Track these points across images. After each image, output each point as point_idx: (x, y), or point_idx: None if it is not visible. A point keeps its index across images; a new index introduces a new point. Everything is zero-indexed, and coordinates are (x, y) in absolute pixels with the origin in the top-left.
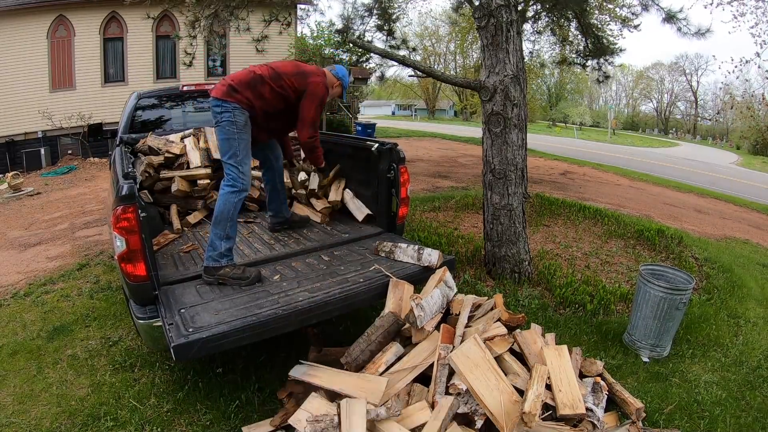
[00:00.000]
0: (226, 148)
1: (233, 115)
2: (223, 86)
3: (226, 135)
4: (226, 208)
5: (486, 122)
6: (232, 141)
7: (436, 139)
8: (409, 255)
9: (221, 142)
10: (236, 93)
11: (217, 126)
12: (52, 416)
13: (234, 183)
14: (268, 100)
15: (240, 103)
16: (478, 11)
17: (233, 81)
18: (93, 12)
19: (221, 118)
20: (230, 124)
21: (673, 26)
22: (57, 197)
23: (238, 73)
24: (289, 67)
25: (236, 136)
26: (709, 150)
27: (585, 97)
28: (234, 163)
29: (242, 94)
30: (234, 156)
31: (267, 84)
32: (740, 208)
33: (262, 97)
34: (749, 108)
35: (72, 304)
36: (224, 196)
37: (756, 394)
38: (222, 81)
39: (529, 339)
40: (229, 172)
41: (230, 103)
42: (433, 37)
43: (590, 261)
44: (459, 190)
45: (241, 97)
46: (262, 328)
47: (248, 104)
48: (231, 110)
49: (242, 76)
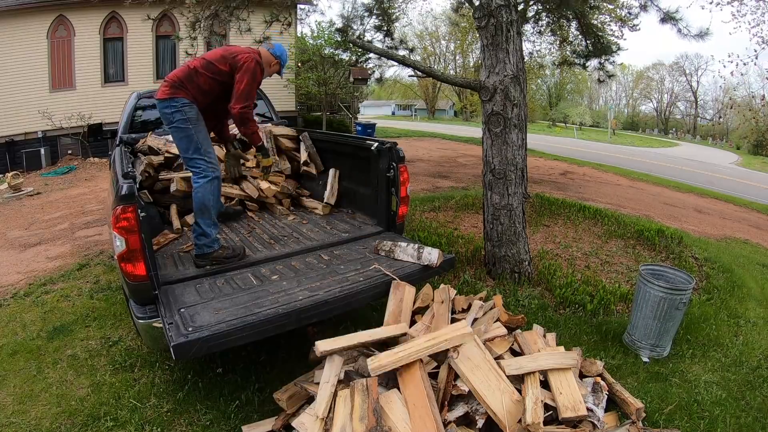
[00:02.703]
0: (186, 145)
1: (184, 112)
2: (165, 87)
3: (183, 133)
4: (206, 198)
5: (486, 122)
6: (191, 136)
7: (435, 139)
8: (408, 254)
9: (180, 141)
10: (180, 89)
11: (171, 126)
12: (52, 416)
13: (205, 173)
14: (206, 89)
15: (186, 98)
16: (478, 11)
17: (174, 79)
18: (93, 12)
19: (173, 118)
20: (184, 121)
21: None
22: (57, 197)
23: (175, 71)
24: (219, 53)
25: (193, 131)
26: (709, 150)
27: (585, 97)
28: (199, 156)
29: (185, 90)
30: (197, 150)
31: (201, 74)
32: (740, 208)
33: (201, 88)
34: (751, 110)
35: (72, 304)
36: (201, 188)
37: (756, 394)
38: (162, 82)
39: (529, 340)
40: (197, 165)
41: (178, 100)
42: (432, 37)
43: (590, 261)
44: (459, 190)
45: (185, 93)
46: (261, 327)
47: (193, 97)
48: (180, 108)
49: (180, 73)
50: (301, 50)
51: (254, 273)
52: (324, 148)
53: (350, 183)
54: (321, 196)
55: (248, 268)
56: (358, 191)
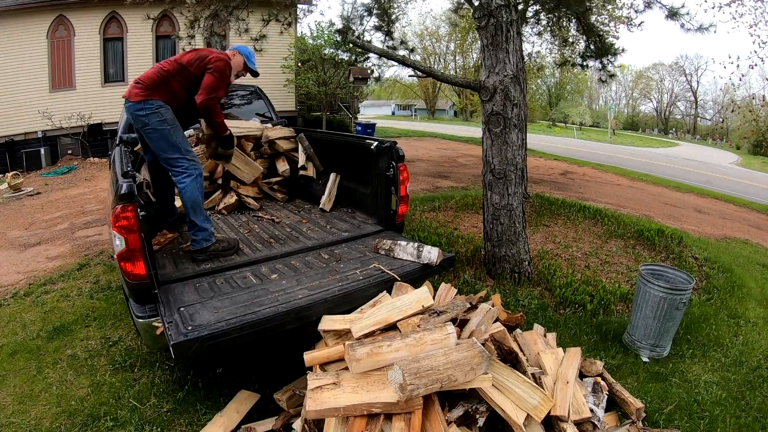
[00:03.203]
0: (165, 146)
1: (160, 114)
2: (139, 89)
3: (160, 134)
4: (195, 195)
5: (486, 122)
6: (170, 137)
7: (435, 139)
8: (408, 252)
9: (158, 142)
10: (155, 91)
11: (146, 128)
12: (52, 416)
13: (190, 171)
14: (178, 92)
15: (161, 100)
16: (478, 11)
17: (148, 81)
18: (93, 12)
19: (148, 120)
20: (161, 122)
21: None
22: (57, 197)
23: (147, 72)
24: (190, 56)
25: (171, 131)
26: (709, 150)
27: (585, 97)
28: (180, 155)
29: (159, 92)
30: (177, 149)
31: (174, 78)
32: (740, 208)
33: (173, 90)
34: (751, 111)
35: (72, 304)
36: (189, 186)
37: (756, 394)
38: (134, 84)
39: (530, 340)
40: (179, 164)
41: (153, 102)
42: (432, 37)
43: (590, 261)
44: (459, 190)
45: (160, 95)
46: (261, 326)
47: (167, 99)
48: (156, 109)
49: (153, 74)
50: (301, 50)
51: (254, 272)
52: (323, 148)
53: (350, 182)
54: (319, 198)
55: (248, 267)
56: (357, 190)
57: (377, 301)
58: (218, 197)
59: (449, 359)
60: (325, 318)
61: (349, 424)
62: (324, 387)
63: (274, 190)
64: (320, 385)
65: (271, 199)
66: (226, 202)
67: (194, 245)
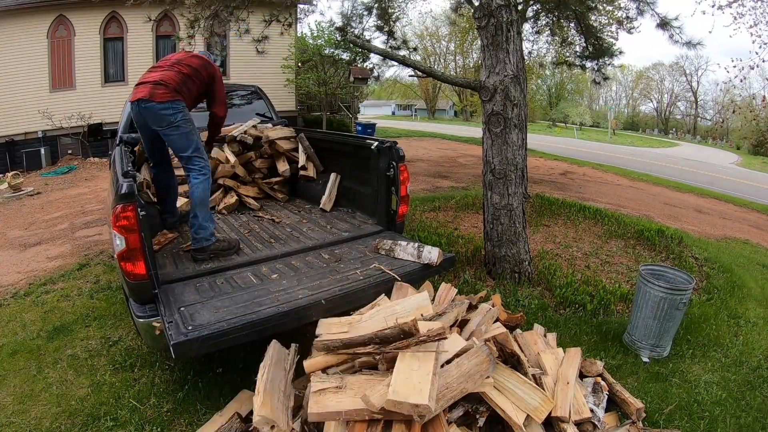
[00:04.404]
0: (187, 144)
1: (185, 114)
2: (165, 90)
3: (185, 131)
4: (206, 193)
5: (486, 122)
6: (192, 135)
7: (436, 139)
8: (408, 252)
9: (181, 139)
10: (179, 93)
11: (173, 126)
12: (52, 416)
13: (205, 171)
14: (193, 95)
15: (184, 101)
16: (478, 11)
17: (172, 83)
18: (93, 12)
19: (176, 118)
20: (186, 121)
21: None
22: (57, 197)
23: (167, 74)
24: (196, 61)
25: (193, 130)
26: (709, 150)
27: (585, 97)
28: (199, 154)
29: (183, 93)
30: (197, 148)
31: (193, 80)
32: (740, 208)
33: (191, 92)
34: (752, 111)
35: (72, 304)
36: (202, 184)
37: (756, 394)
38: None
39: (530, 340)
40: (197, 162)
41: (179, 103)
42: (433, 37)
43: (590, 261)
44: (459, 190)
45: (184, 96)
46: (261, 326)
47: (187, 101)
48: (182, 109)
49: (174, 76)
50: (301, 50)
51: (254, 272)
52: (324, 148)
53: (350, 182)
54: (319, 198)
55: (248, 267)
56: (358, 190)
57: (375, 303)
58: (218, 197)
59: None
60: (322, 321)
61: (350, 427)
62: (327, 390)
63: (274, 190)
64: (323, 387)
65: (272, 199)
66: (226, 202)
67: (195, 244)
